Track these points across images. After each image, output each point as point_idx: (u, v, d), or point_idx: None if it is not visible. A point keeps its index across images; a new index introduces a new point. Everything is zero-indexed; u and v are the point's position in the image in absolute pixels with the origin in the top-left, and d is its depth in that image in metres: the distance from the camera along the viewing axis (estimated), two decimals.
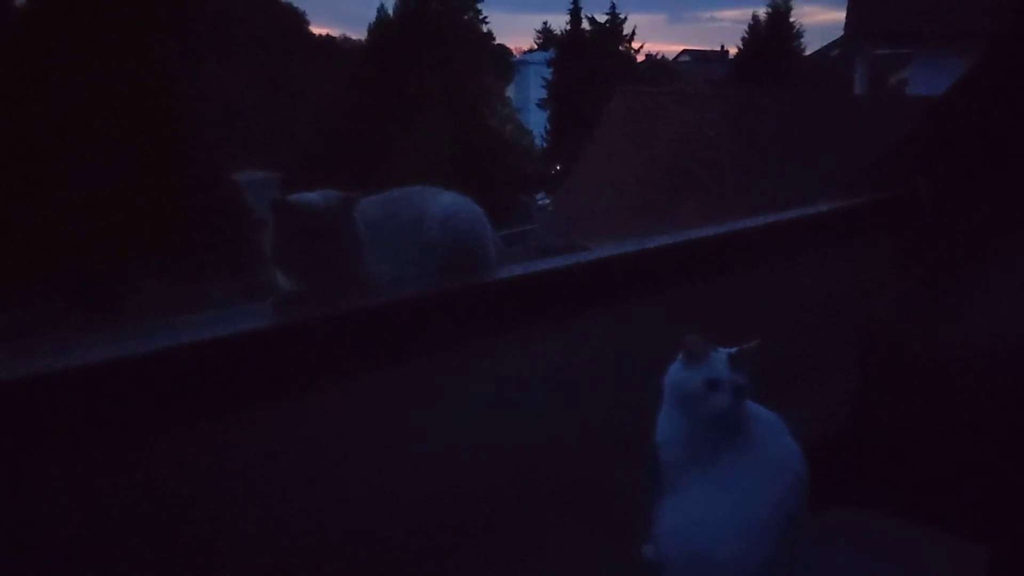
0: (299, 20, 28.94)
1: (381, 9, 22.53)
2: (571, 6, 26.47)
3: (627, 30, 26.62)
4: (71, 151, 15.07)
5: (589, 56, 24.93)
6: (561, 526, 1.58)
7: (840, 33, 15.19)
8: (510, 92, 29.43)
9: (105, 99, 15.68)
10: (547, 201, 20.36)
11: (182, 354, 1.13)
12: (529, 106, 28.49)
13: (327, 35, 30.49)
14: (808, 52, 23.85)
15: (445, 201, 1.46)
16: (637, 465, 1.47)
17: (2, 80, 15.52)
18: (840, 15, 14.08)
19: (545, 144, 26.25)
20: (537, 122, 27.11)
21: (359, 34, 24.33)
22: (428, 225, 1.43)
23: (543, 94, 26.94)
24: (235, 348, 1.18)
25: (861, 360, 2.29)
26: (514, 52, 33.39)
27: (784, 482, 1.37)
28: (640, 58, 27.61)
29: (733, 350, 1.40)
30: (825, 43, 22.83)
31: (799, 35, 23.90)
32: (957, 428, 2.09)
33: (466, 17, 26.15)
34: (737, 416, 1.38)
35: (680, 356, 1.42)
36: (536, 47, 31.58)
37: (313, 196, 1.32)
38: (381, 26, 22.31)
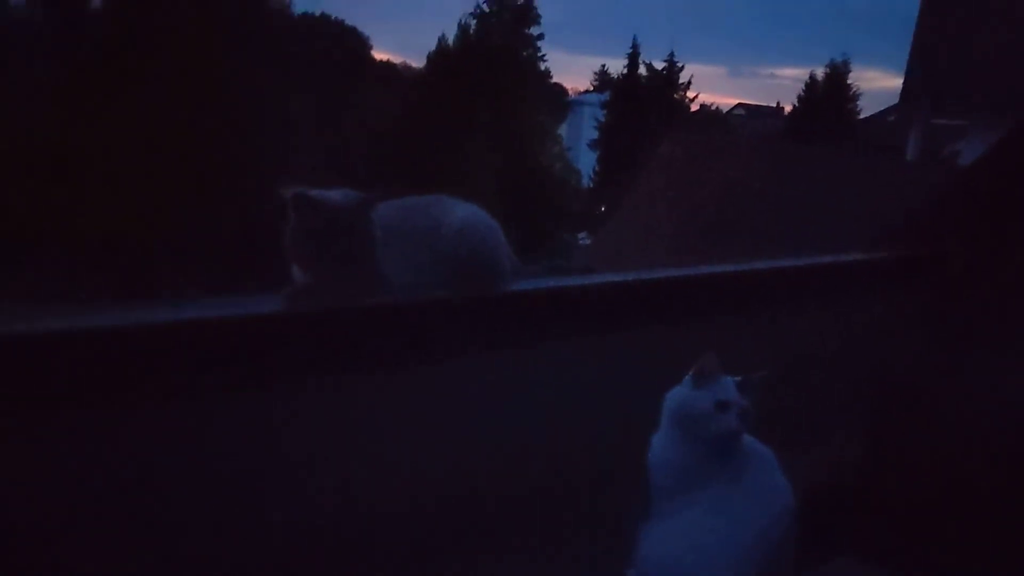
0: (363, 45, 29.51)
1: (442, 39, 22.92)
2: (630, 51, 26.76)
3: (684, 79, 26.80)
4: (121, 155, 15.49)
5: (643, 101, 25.09)
6: (546, 543, 1.59)
7: (897, 100, 15.10)
8: (563, 130, 29.61)
9: (163, 109, 16.13)
10: (589, 241, 20.37)
11: (183, 330, 1.17)
12: (580, 145, 28.65)
13: (388, 61, 31.00)
14: (864, 115, 23.76)
15: (462, 212, 1.49)
16: (626, 488, 1.47)
17: (68, 80, 16.07)
18: (899, 82, 14.03)
19: (592, 184, 26.35)
20: (587, 162, 27.24)
21: (420, 62, 24.73)
22: (443, 233, 1.46)
23: (595, 135, 27.12)
24: (239, 330, 1.22)
25: (874, 414, 2.27)
26: (570, 92, 33.70)
27: (771, 515, 1.37)
28: (694, 107, 27.73)
29: (739, 378, 1.42)
30: (882, 108, 22.70)
31: (855, 97, 23.89)
32: (965, 491, 2.06)
33: (525, 53, 26.47)
34: (737, 442, 1.39)
35: (689, 377, 1.44)
36: (592, 88, 31.88)
37: (333, 194, 1.36)
38: (440, 55, 22.66)
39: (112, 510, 1.17)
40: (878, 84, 52.56)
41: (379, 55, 30.83)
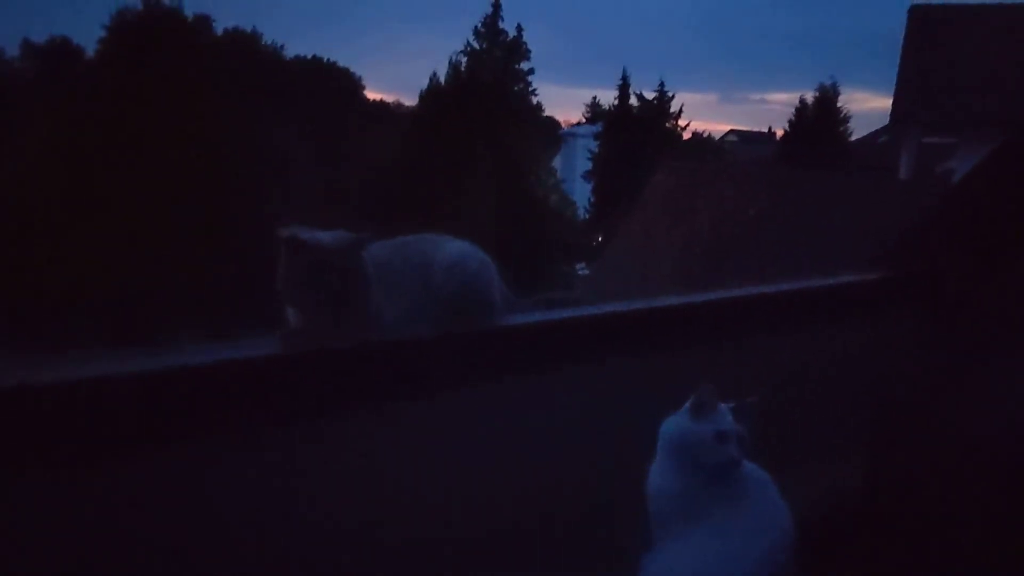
0: (355, 85, 29.84)
1: (433, 77, 23.16)
2: (620, 82, 27.02)
3: (675, 108, 27.02)
4: (116, 203, 15.60)
5: (636, 131, 25.25)
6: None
7: (888, 120, 15.21)
8: (556, 163, 29.82)
9: (158, 155, 16.27)
10: (587, 271, 20.42)
11: (181, 375, 1.18)
12: (575, 177, 28.83)
13: (381, 100, 31.33)
14: (855, 137, 23.90)
15: (453, 248, 1.51)
16: (625, 518, 1.47)
17: (61, 131, 16.25)
18: (889, 102, 14.15)
19: (588, 215, 26.47)
20: (582, 193, 27.39)
21: (412, 100, 24.96)
22: (435, 270, 1.47)
23: (589, 166, 27.26)
24: (236, 373, 1.23)
25: (874, 435, 2.26)
26: (562, 124, 33.97)
27: (771, 540, 1.37)
28: (687, 135, 27.91)
29: (732, 404, 1.42)
30: (873, 129, 22.85)
31: (846, 120, 24.05)
32: (967, 510, 2.05)
33: (516, 88, 26.72)
34: (735, 470, 1.39)
35: (687, 407, 1.43)
36: (584, 120, 32.07)
37: (324, 235, 1.37)
38: (432, 93, 22.87)
39: (116, 557, 1.17)
40: (868, 105, 52.89)
41: (372, 95, 31.19)
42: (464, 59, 24.91)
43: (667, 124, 26.84)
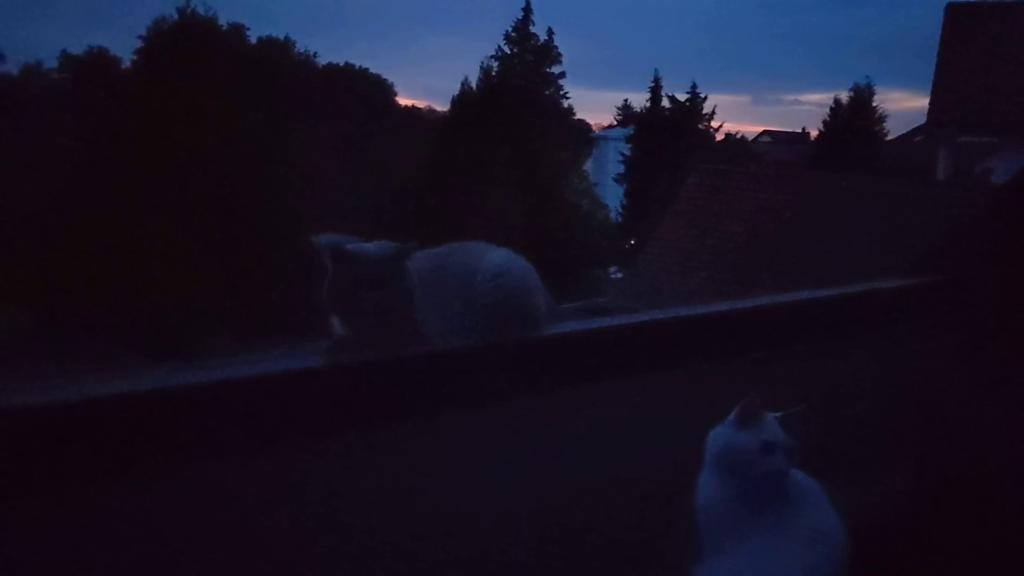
0: (387, 91, 30.00)
1: (465, 82, 23.22)
2: (652, 84, 26.93)
3: (707, 109, 26.89)
4: (153, 207, 15.79)
5: (668, 133, 25.13)
6: None
7: (924, 119, 14.99)
8: (588, 166, 29.73)
9: (190, 161, 16.45)
10: (620, 275, 20.33)
11: (227, 388, 1.19)
12: (606, 180, 28.71)
13: (413, 106, 31.45)
14: (891, 137, 23.60)
15: (497, 257, 1.51)
16: (675, 530, 1.46)
17: (98, 140, 16.51)
18: (925, 101, 13.95)
19: (621, 218, 26.37)
20: (614, 196, 27.28)
21: (444, 106, 25.06)
22: (479, 279, 1.47)
23: (621, 169, 27.17)
24: (284, 385, 1.24)
25: (919, 446, 2.24)
26: (594, 127, 33.82)
27: (822, 550, 1.35)
28: (719, 137, 27.76)
29: (779, 414, 1.41)
30: (909, 128, 22.54)
31: (881, 120, 23.75)
32: (1014, 522, 2.01)
33: (547, 92, 26.74)
34: (784, 480, 1.38)
35: (732, 418, 1.42)
36: (616, 123, 31.92)
37: (369, 245, 1.38)
38: (464, 99, 22.93)
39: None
40: (904, 105, 52.18)
41: (404, 101, 31.30)
42: (495, 64, 25.03)
43: (699, 126, 26.70)
